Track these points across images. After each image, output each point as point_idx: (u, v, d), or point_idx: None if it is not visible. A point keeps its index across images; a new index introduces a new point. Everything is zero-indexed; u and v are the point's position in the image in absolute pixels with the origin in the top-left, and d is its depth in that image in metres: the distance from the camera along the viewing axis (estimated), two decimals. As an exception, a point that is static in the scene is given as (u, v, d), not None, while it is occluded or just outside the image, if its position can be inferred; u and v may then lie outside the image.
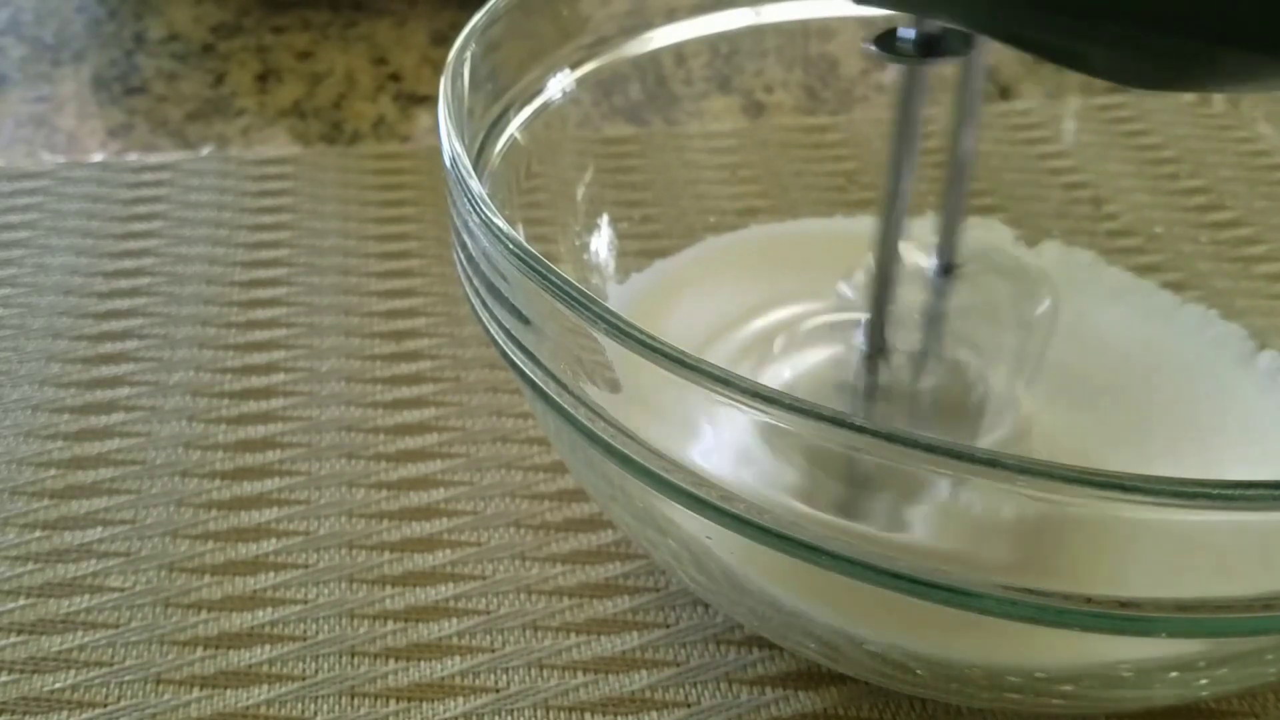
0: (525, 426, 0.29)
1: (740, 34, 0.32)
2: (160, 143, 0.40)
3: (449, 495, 0.28)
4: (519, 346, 0.20)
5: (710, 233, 0.32)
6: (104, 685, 0.24)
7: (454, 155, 0.21)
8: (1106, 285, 0.31)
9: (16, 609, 0.25)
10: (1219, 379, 0.28)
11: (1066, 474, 0.16)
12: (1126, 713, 0.23)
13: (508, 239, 0.19)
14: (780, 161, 0.36)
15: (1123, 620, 0.17)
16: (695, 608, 0.25)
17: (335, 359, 0.31)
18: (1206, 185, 0.34)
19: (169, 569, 0.26)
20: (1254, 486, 0.15)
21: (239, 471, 0.28)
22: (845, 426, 0.16)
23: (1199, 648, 0.19)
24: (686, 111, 0.35)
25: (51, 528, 0.27)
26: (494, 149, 0.26)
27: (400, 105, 0.42)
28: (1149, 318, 0.30)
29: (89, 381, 0.31)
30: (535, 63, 0.28)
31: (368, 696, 0.24)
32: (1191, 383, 0.28)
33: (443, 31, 0.47)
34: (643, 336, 0.17)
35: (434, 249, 0.35)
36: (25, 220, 0.36)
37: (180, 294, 0.33)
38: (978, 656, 0.21)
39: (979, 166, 0.35)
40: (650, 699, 0.24)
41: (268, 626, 0.25)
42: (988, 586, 0.17)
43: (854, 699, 0.24)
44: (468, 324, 0.32)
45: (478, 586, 0.26)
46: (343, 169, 0.38)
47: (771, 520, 0.18)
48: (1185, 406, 0.28)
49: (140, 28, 0.47)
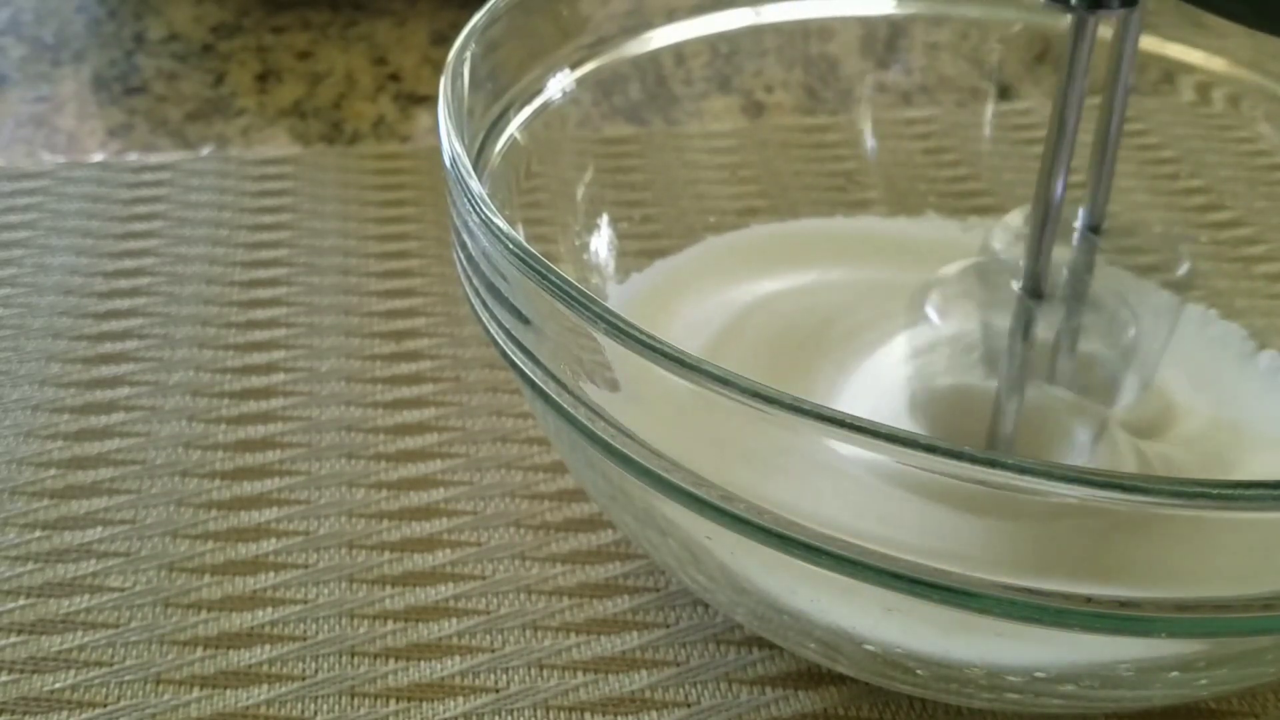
0: (525, 426, 0.29)
1: (740, 34, 0.32)
2: (160, 143, 0.40)
3: (449, 495, 0.28)
4: (519, 346, 0.20)
5: (710, 232, 0.32)
6: (104, 685, 0.24)
7: (454, 155, 0.21)
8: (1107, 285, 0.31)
9: (16, 609, 0.25)
10: (1221, 378, 0.28)
11: (1067, 474, 0.16)
12: (1126, 713, 0.23)
13: (508, 239, 0.19)
14: (780, 161, 0.36)
15: (1123, 620, 0.17)
16: (695, 608, 0.25)
17: (335, 359, 0.31)
18: (1206, 185, 0.34)
19: (169, 569, 0.26)
20: (1254, 486, 0.15)
21: (239, 471, 0.28)
22: (844, 426, 0.16)
23: (1199, 648, 0.19)
24: (686, 111, 0.35)
25: (51, 528, 0.27)
26: (494, 149, 0.26)
27: (400, 105, 0.42)
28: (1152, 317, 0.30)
29: (89, 381, 0.31)
30: (535, 63, 0.28)
31: (368, 696, 0.24)
32: (1193, 381, 0.28)
33: (443, 31, 0.47)
34: (643, 336, 0.17)
35: (434, 249, 0.35)
36: (25, 220, 0.36)
37: (180, 294, 0.33)
38: (978, 656, 0.21)
39: (979, 166, 0.35)
40: (650, 699, 0.24)
41: (268, 626, 0.25)
42: (988, 586, 0.17)
43: (854, 699, 0.24)
44: (468, 324, 0.32)
45: (478, 586, 0.26)
46: (343, 169, 0.38)
47: (771, 520, 0.18)
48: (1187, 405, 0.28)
49: (140, 28, 0.47)
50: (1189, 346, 0.29)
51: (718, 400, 0.17)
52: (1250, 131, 0.31)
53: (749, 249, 0.32)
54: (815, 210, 0.33)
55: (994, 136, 0.36)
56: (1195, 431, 0.27)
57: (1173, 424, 0.27)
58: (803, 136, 0.37)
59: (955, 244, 0.32)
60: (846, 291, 0.30)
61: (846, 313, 0.29)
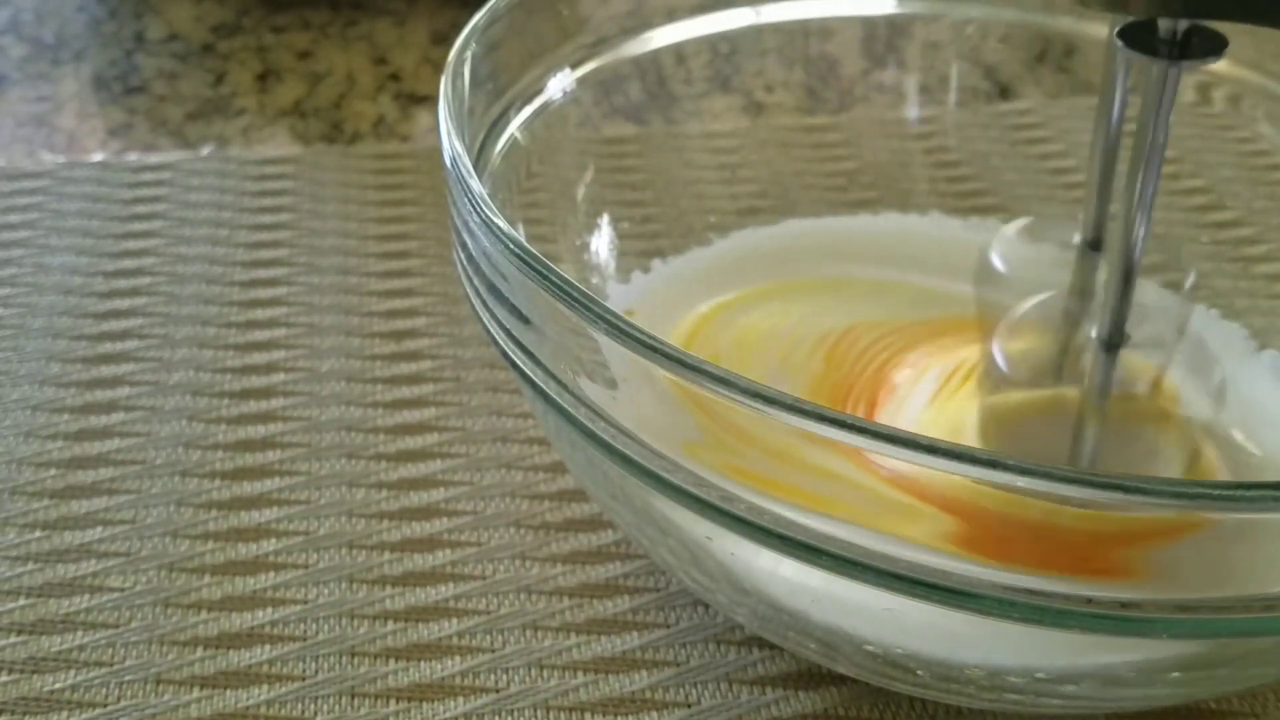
0: (525, 426, 0.29)
1: (740, 34, 0.32)
2: (160, 143, 0.40)
3: (449, 495, 0.28)
4: (519, 346, 0.20)
5: (711, 232, 0.32)
6: (104, 685, 0.24)
7: (454, 155, 0.21)
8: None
9: (16, 609, 0.25)
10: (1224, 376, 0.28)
11: (1066, 475, 0.16)
12: (1126, 713, 0.23)
13: (508, 239, 0.19)
14: (780, 161, 0.36)
15: (1123, 620, 0.17)
16: (695, 608, 0.25)
17: (335, 359, 0.31)
18: (1206, 185, 0.34)
19: (169, 569, 0.26)
20: (1254, 487, 0.15)
21: (239, 471, 0.28)
22: (845, 426, 0.16)
23: (1199, 648, 0.19)
24: (686, 111, 0.35)
25: (51, 528, 0.27)
26: (494, 149, 0.26)
27: (400, 105, 0.42)
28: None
29: (89, 381, 0.31)
30: (535, 63, 0.28)
31: (368, 696, 0.24)
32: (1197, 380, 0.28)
33: (443, 31, 0.47)
34: (643, 336, 0.17)
35: (434, 249, 0.35)
36: (25, 220, 0.36)
37: (180, 294, 0.33)
38: (978, 657, 0.21)
39: (979, 166, 0.35)
40: (650, 699, 0.24)
41: (268, 626, 0.25)
42: (988, 587, 0.17)
43: (854, 699, 0.24)
44: (468, 324, 0.32)
45: (478, 586, 0.26)
46: (343, 169, 0.38)
47: (771, 520, 0.18)
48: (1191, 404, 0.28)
49: (140, 27, 0.47)
50: (1193, 344, 0.29)
51: (717, 400, 0.17)
52: (1250, 131, 0.31)
53: (761, 251, 0.32)
54: (815, 210, 0.33)
55: (994, 136, 0.36)
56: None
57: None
58: (803, 136, 0.37)
59: (956, 243, 0.32)
60: (854, 290, 0.30)
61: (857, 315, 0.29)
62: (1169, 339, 0.28)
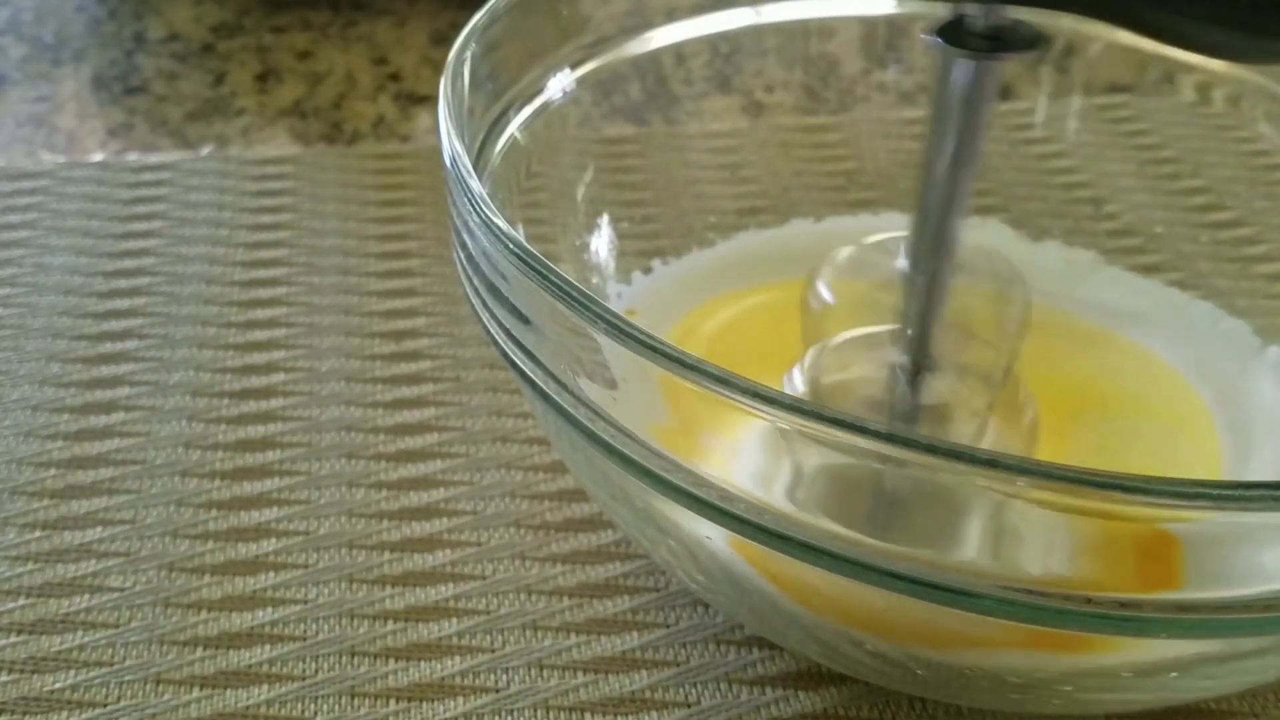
0: (525, 426, 0.29)
1: (740, 34, 0.32)
2: (160, 143, 0.40)
3: (449, 495, 0.28)
4: (519, 346, 0.20)
5: (711, 232, 0.32)
6: (104, 685, 0.24)
7: (454, 155, 0.21)
8: (1109, 285, 0.31)
9: (16, 609, 0.25)
10: (1229, 375, 0.28)
11: (1066, 475, 0.16)
12: (1126, 713, 0.23)
13: (508, 239, 0.19)
14: (780, 161, 0.36)
15: (1123, 620, 0.17)
16: (695, 608, 0.25)
17: (335, 359, 0.31)
18: (1206, 185, 0.34)
19: (169, 569, 0.26)
20: (1254, 487, 0.15)
21: (239, 471, 0.28)
22: (844, 425, 0.16)
23: (1199, 648, 0.19)
24: (686, 111, 0.35)
25: (51, 528, 0.27)
26: (494, 149, 0.26)
27: (400, 105, 0.42)
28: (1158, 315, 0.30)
29: (89, 381, 0.31)
30: (535, 63, 0.28)
31: (368, 696, 0.24)
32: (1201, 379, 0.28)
33: (443, 31, 0.47)
34: (643, 336, 0.17)
35: (434, 249, 0.35)
36: (25, 220, 0.36)
37: (180, 294, 0.33)
38: (978, 657, 0.21)
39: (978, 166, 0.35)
40: (650, 699, 0.24)
41: (268, 626, 0.25)
42: (988, 587, 0.17)
43: (854, 699, 0.24)
44: (468, 324, 0.32)
45: (478, 586, 0.26)
46: (343, 169, 0.38)
47: (771, 520, 0.18)
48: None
49: (140, 28, 0.47)
50: (1197, 343, 0.29)
51: (717, 400, 0.17)
52: (1250, 131, 0.31)
53: (757, 253, 0.32)
54: (815, 210, 0.33)
55: (994, 136, 0.36)
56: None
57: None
58: (803, 136, 0.37)
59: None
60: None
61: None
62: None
